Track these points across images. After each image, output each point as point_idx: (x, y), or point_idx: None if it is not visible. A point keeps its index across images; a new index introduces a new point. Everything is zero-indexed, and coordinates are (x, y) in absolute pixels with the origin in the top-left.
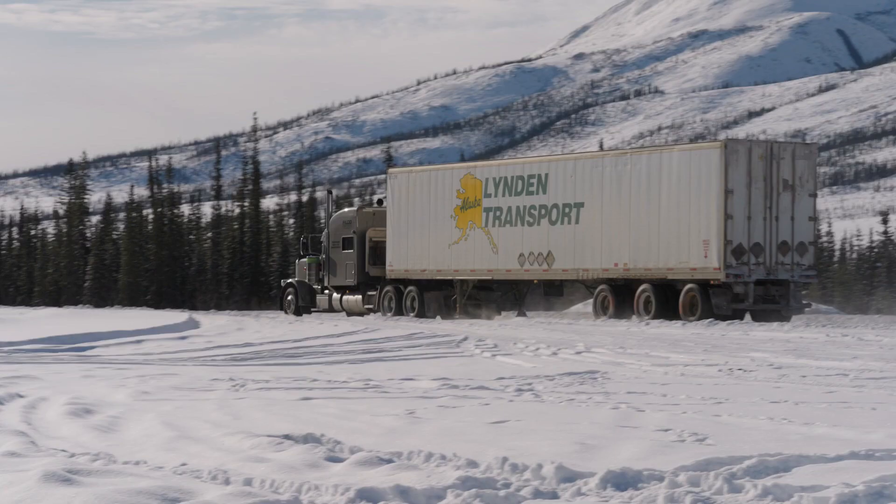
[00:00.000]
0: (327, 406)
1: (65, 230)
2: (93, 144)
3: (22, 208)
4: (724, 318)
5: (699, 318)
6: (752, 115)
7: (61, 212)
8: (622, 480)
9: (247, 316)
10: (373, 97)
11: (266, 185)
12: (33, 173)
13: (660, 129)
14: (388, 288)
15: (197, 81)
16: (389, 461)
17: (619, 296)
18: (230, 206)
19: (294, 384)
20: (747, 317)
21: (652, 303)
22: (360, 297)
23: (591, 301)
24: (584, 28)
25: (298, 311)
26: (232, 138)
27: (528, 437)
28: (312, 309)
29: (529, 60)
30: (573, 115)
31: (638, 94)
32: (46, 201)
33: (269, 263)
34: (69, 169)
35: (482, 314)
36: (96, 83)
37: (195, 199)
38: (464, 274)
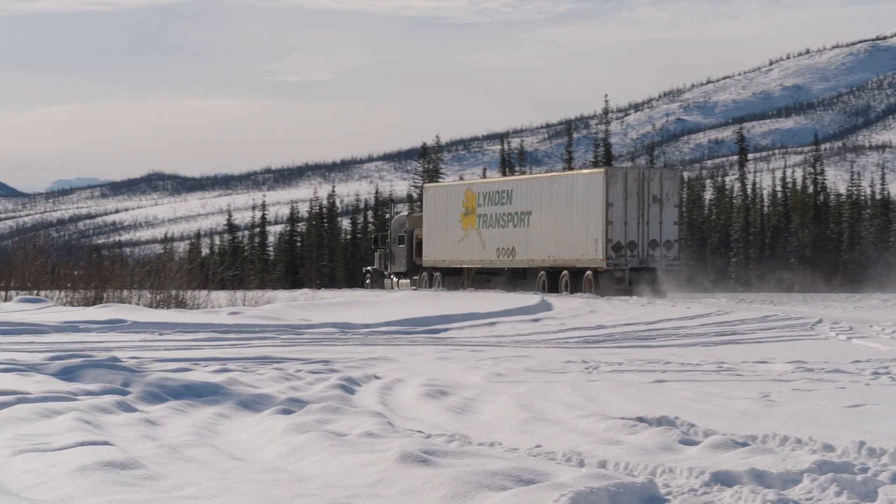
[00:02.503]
0: (681, 388)
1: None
2: (445, 128)
3: (377, 192)
4: (611, 294)
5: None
6: None
7: (416, 195)
8: None
9: (599, 298)
10: (724, 78)
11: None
12: (387, 157)
13: None
14: (424, 273)
15: (548, 64)
16: (744, 444)
17: (551, 279)
18: None
19: (647, 366)
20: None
21: (568, 283)
22: (408, 280)
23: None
24: None
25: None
26: (583, 120)
27: (885, 422)
28: (381, 289)
29: (885, 38)
30: None
31: None
32: (400, 185)
33: None
34: (422, 153)
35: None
36: (448, 67)
37: None
38: (466, 263)
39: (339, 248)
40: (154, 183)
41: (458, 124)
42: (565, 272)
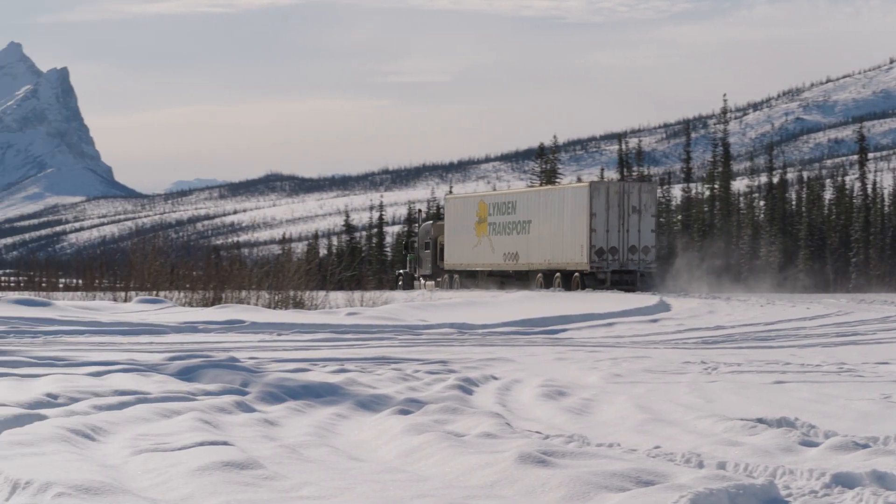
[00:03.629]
0: (801, 390)
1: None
2: (563, 128)
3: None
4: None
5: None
6: None
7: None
8: None
9: (717, 299)
10: (844, 76)
11: (736, 167)
12: (504, 157)
13: None
14: (445, 276)
15: (666, 64)
16: (865, 446)
17: (546, 279)
18: (700, 189)
19: (766, 367)
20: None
21: (560, 284)
22: (433, 282)
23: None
24: None
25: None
26: (701, 120)
27: None
28: (411, 290)
29: None
30: None
31: None
32: (518, 185)
33: (740, 246)
34: (540, 153)
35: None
36: (565, 68)
37: (665, 181)
38: (479, 267)
39: None
40: (272, 184)
41: (575, 124)
42: (558, 274)
